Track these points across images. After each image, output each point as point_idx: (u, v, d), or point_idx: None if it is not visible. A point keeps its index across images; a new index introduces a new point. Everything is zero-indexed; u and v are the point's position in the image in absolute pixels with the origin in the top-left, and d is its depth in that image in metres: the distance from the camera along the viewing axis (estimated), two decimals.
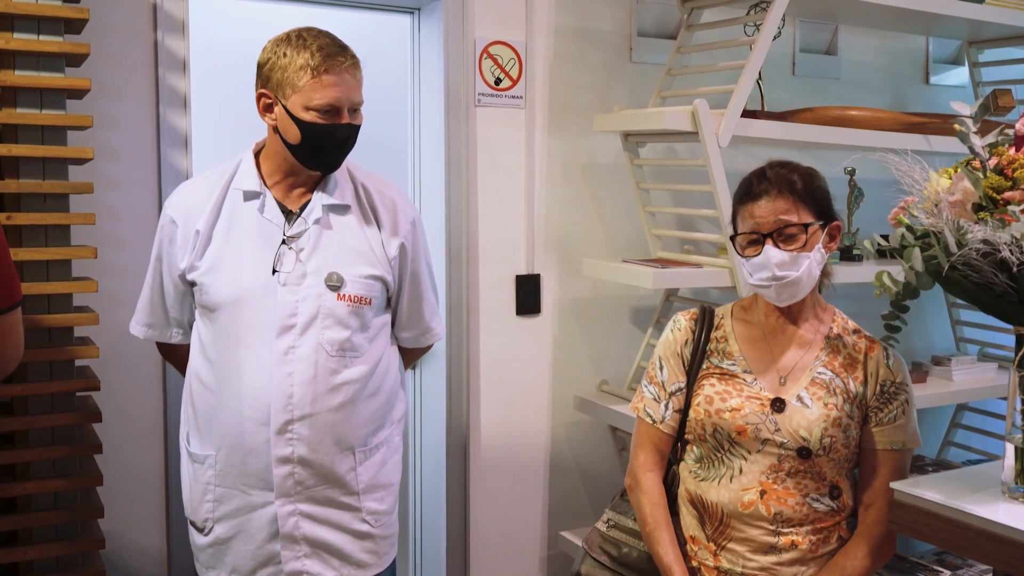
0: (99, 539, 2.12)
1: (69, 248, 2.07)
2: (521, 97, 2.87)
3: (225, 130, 2.98)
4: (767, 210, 1.81)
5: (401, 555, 3.08)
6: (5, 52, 1.99)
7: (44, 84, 2.01)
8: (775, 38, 2.72)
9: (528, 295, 2.92)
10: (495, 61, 2.83)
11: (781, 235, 1.80)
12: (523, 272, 2.92)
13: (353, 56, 1.90)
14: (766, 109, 2.99)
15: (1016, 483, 1.60)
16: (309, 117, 1.85)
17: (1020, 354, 1.58)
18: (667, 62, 2.90)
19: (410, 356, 2.18)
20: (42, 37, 2.02)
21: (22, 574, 2.07)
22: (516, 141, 2.88)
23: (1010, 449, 1.61)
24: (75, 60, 2.12)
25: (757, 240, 1.82)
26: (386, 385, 2.01)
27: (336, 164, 1.94)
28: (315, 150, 1.89)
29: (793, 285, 1.82)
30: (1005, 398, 3.41)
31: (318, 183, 1.96)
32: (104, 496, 2.23)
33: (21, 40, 1.99)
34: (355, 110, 1.91)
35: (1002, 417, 3.49)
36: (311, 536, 1.92)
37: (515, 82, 2.86)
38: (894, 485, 1.69)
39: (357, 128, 1.92)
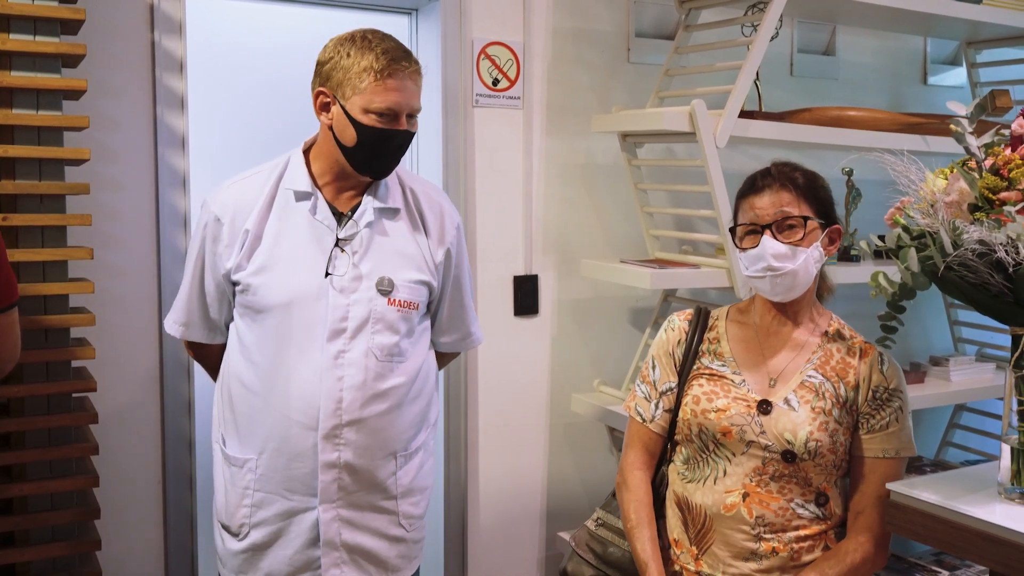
0: (96, 540, 2.12)
1: (66, 249, 2.07)
2: (519, 98, 2.87)
3: (222, 131, 2.98)
4: (768, 202, 1.82)
5: None
6: (1, 53, 1.99)
7: (40, 85, 2.01)
8: (773, 39, 2.72)
9: (526, 296, 2.92)
10: (493, 62, 2.82)
11: (780, 227, 1.81)
12: (521, 273, 2.91)
13: (416, 62, 1.89)
14: (764, 109, 2.99)
15: (1012, 484, 1.60)
16: (368, 120, 1.84)
17: (1016, 354, 1.58)
18: (665, 63, 2.90)
19: (443, 360, 2.17)
20: (38, 38, 2.02)
21: (19, 575, 2.07)
22: (514, 142, 2.88)
23: (1006, 450, 1.61)
24: (71, 61, 2.12)
25: (756, 232, 1.83)
26: (426, 389, 2.00)
27: (387, 170, 1.92)
28: (369, 154, 1.87)
29: (789, 277, 1.81)
30: (1003, 398, 3.41)
31: (368, 186, 1.95)
32: (101, 497, 2.23)
33: (17, 41, 1.99)
34: (412, 116, 1.90)
35: (1000, 417, 3.50)
36: (350, 542, 1.91)
37: (513, 83, 2.86)
38: (890, 486, 1.69)
39: (412, 135, 1.91)
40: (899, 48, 3.55)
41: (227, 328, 2.00)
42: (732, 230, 1.88)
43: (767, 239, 1.80)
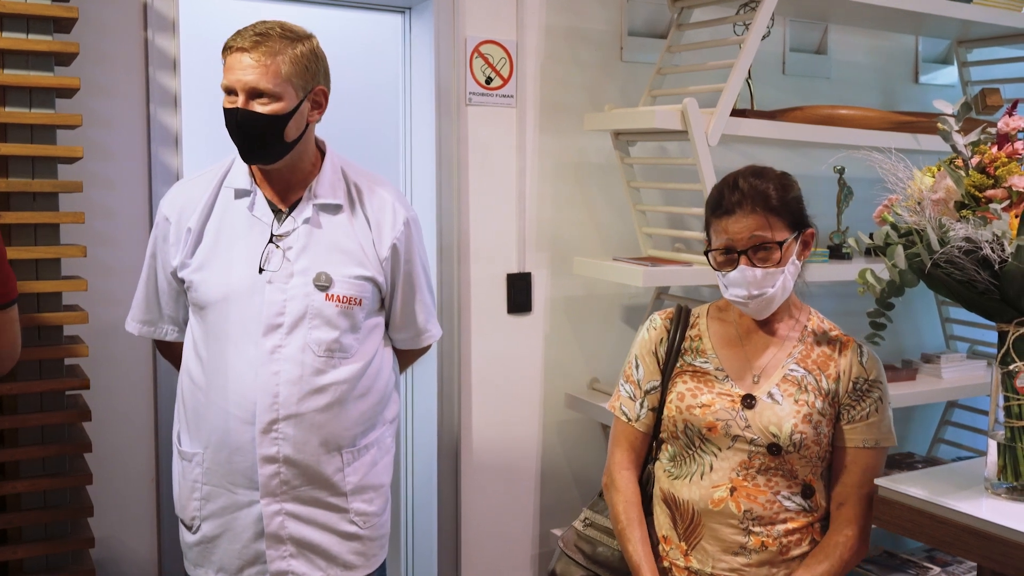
0: (89, 538, 2.12)
1: (59, 247, 2.07)
2: (512, 96, 2.88)
3: (215, 129, 2.97)
4: (741, 226, 1.78)
5: (393, 554, 3.08)
6: None
7: (33, 83, 2.01)
8: (764, 37, 2.73)
9: (519, 293, 2.93)
10: (486, 60, 2.83)
11: (756, 252, 1.79)
12: (514, 271, 2.92)
13: (265, 39, 1.81)
14: (756, 108, 3.00)
15: (999, 479, 1.61)
16: (225, 103, 1.86)
17: (1002, 351, 1.59)
18: (657, 61, 2.90)
19: (407, 357, 2.16)
20: (31, 36, 2.02)
21: (12, 573, 2.08)
22: (507, 140, 2.89)
23: (993, 445, 1.62)
24: (64, 59, 2.12)
25: (731, 256, 1.81)
26: (377, 386, 2.00)
27: (249, 153, 1.88)
28: (232, 137, 1.87)
29: (768, 300, 1.82)
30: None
31: (310, 183, 1.95)
32: (94, 495, 2.23)
33: (10, 39, 1.99)
34: (259, 96, 1.82)
35: None
36: (297, 536, 1.91)
37: (506, 81, 2.87)
38: (879, 482, 1.70)
39: (260, 116, 1.82)
40: (891, 47, 3.57)
41: (187, 326, 2.02)
42: (707, 252, 1.86)
43: (744, 268, 1.79)
